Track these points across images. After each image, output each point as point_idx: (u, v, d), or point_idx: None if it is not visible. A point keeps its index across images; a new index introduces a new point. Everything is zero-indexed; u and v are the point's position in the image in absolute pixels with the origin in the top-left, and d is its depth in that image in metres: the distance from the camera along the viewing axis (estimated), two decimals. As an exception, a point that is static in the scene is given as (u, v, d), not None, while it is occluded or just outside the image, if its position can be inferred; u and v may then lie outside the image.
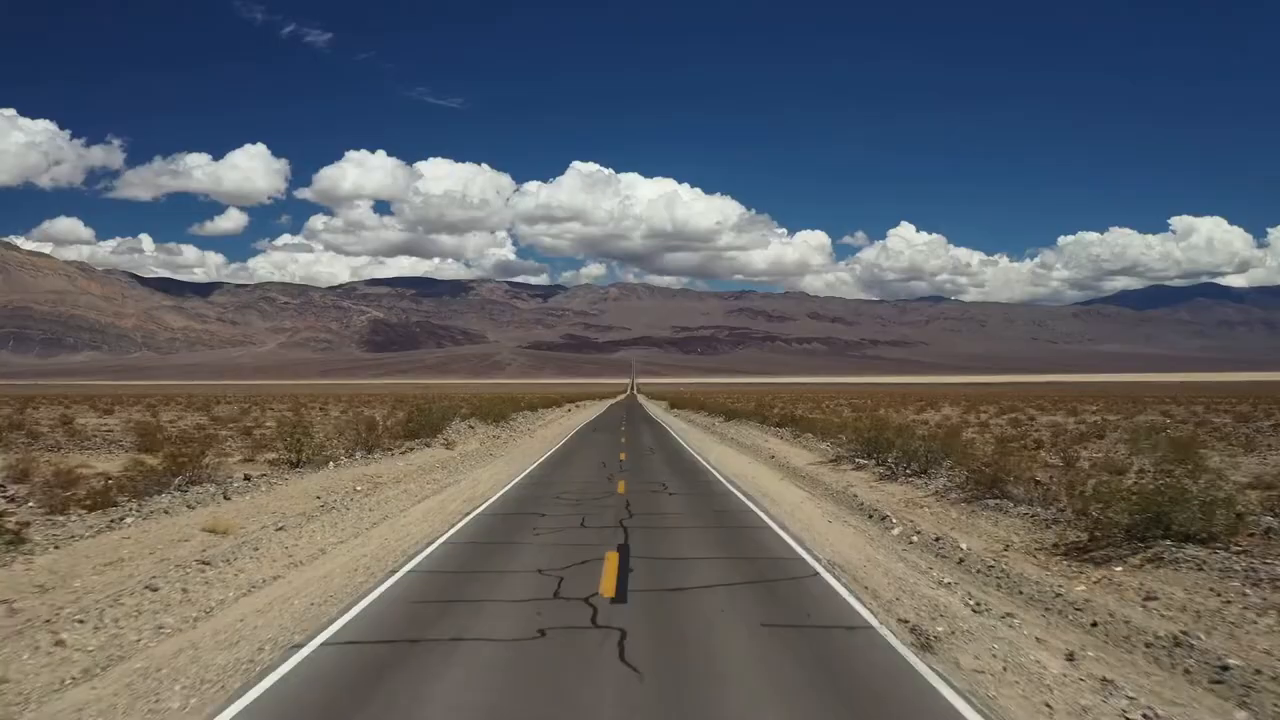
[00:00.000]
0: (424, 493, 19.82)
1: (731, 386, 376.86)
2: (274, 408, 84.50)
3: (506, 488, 20.88)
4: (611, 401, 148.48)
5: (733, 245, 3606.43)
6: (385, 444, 30.31)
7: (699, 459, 29.72)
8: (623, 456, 29.46)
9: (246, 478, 19.48)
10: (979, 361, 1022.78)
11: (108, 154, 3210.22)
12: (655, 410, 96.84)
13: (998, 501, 16.13)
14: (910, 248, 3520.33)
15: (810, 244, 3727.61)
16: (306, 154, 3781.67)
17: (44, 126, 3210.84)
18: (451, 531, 14.76)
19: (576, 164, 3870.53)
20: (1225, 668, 7.58)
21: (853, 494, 19.24)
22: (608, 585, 10.58)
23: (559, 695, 7.06)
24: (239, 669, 7.77)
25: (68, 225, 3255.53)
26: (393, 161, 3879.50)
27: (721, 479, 23.18)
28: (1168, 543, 11.05)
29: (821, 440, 34.69)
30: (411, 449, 29.57)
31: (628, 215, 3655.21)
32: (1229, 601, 9.00)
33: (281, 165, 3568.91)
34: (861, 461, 25.15)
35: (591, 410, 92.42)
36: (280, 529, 14.16)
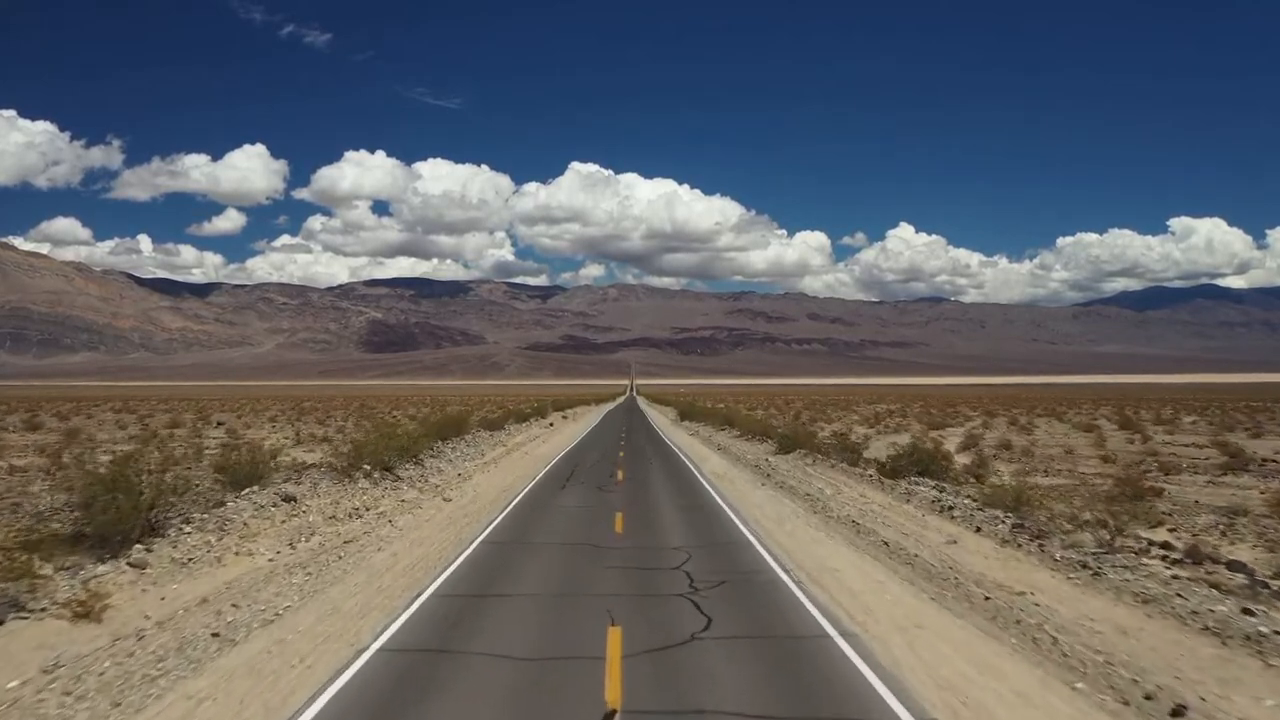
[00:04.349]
0: None
1: (732, 388, 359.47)
2: (151, 419, 63.75)
3: None
4: (609, 407, 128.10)
5: (732, 246, 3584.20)
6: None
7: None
8: (612, 699, 8.46)
9: None
10: (978, 363, 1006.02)
11: (106, 154, 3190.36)
12: (661, 422, 76.22)
13: None
14: (909, 249, 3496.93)
15: (809, 245, 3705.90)
16: (305, 154, 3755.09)
17: (43, 127, 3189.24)
18: None
19: (575, 164, 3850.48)
20: None
21: None
22: None
23: None
24: None
25: (66, 225, 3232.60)
26: (391, 162, 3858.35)
27: None
28: None
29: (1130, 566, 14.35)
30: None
31: (627, 216, 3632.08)
32: None
33: (280, 166, 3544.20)
34: None
35: (581, 423, 71.88)
36: None
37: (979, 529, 16.38)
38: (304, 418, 72.33)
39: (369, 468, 23.44)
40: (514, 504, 21.70)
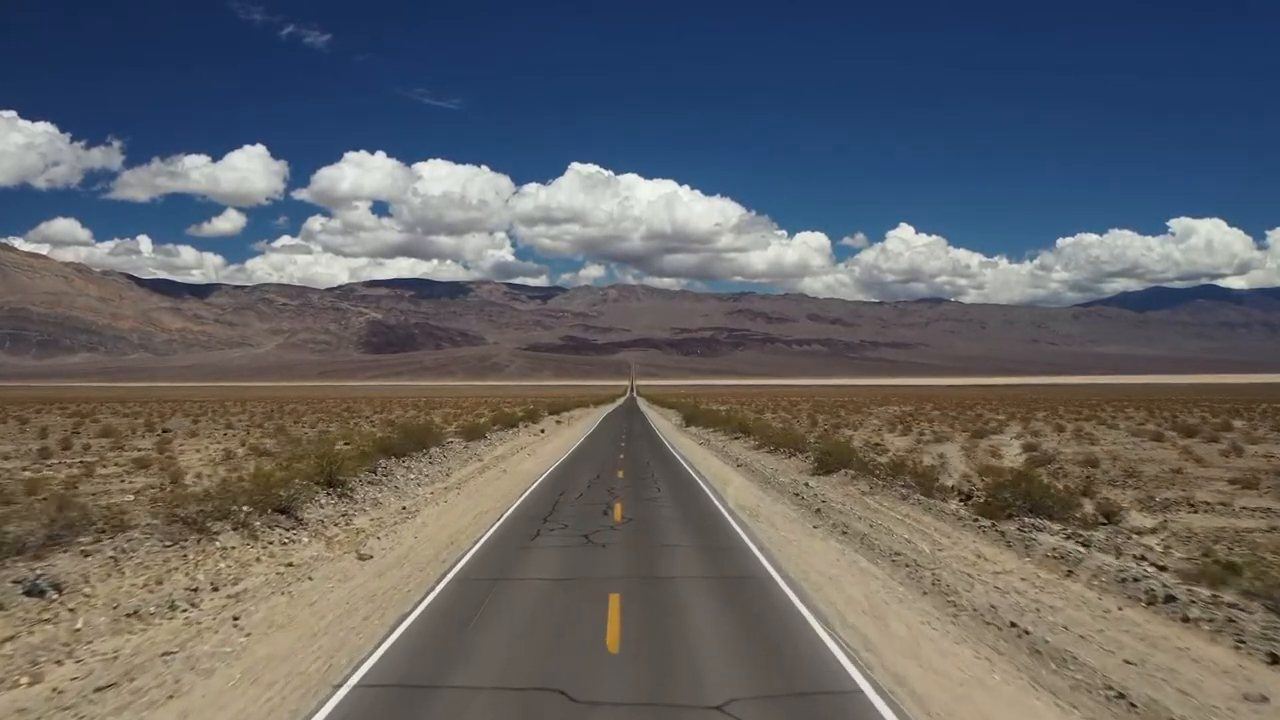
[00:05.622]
0: None
1: (732, 389, 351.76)
2: (94, 423, 56.17)
3: None
4: (608, 409, 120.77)
5: (732, 246, 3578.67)
6: None
7: None
8: None
9: None
10: (979, 363, 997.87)
11: (106, 155, 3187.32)
12: (665, 427, 68.85)
13: None
14: (909, 249, 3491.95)
15: (809, 245, 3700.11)
16: (305, 155, 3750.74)
17: (43, 128, 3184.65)
18: None
19: (575, 165, 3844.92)
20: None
21: None
22: None
23: None
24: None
25: (65, 226, 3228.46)
26: (391, 163, 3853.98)
27: None
28: None
29: None
30: None
31: (627, 216, 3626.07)
32: None
33: (280, 166, 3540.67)
34: None
35: (577, 429, 64.59)
36: None
37: (1275, 658, 8.99)
38: (267, 424, 64.98)
39: (248, 510, 16.00)
40: (457, 569, 14.33)
